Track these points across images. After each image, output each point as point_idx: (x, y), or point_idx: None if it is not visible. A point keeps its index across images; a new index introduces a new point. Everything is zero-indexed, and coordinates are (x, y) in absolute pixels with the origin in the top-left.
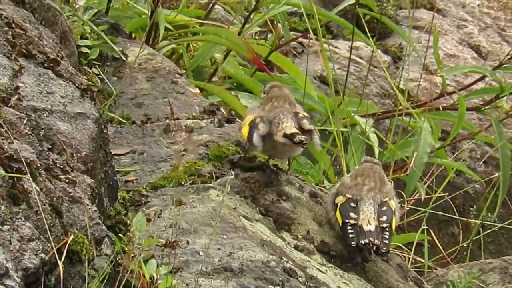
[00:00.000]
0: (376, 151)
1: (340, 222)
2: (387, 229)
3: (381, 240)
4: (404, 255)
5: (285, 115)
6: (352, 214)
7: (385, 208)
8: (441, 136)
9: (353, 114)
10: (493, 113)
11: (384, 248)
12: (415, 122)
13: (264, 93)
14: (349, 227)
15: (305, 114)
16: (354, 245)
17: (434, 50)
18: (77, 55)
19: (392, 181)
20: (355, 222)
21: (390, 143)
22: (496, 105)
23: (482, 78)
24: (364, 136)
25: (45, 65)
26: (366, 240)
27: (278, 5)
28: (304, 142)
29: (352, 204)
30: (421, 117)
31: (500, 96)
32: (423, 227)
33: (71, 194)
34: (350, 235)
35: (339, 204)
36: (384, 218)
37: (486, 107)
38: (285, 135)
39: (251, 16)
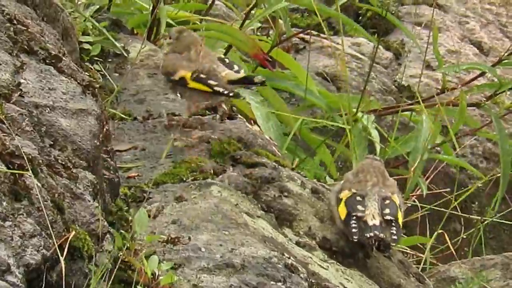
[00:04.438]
0: (378, 147)
1: (344, 215)
2: (393, 223)
3: (389, 234)
4: (406, 251)
5: (217, 63)
6: (359, 207)
7: (387, 201)
8: (442, 132)
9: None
10: (493, 109)
11: (393, 244)
12: (416, 117)
13: (170, 38)
14: (352, 222)
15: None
16: (356, 240)
17: (433, 47)
18: (79, 52)
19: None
20: (362, 215)
21: (392, 140)
22: (495, 100)
23: (482, 74)
24: (366, 132)
25: (47, 61)
26: (371, 234)
27: (278, 1)
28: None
29: (358, 198)
30: (422, 114)
31: (499, 91)
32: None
33: (72, 190)
34: (353, 229)
35: (344, 198)
36: (387, 211)
37: (486, 103)
38: (231, 82)
39: (252, 11)
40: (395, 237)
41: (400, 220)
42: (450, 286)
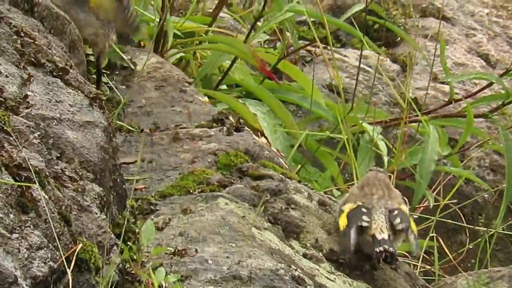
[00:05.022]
0: (385, 159)
1: (343, 226)
2: (408, 231)
3: (408, 244)
4: (413, 263)
5: None
6: (364, 217)
7: (396, 212)
8: (449, 144)
9: (361, 121)
10: (500, 120)
11: (417, 251)
12: (423, 128)
13: None
14: (352, 232)
15: None
16: (352, 251)
17: (441, 58)
18: (86, 64)
19: (399, 189)
20: (367, 225)
21: (398, 151)
22: (503, 111)
23: (489, 85)
24: (372, 143)
25: (54, 73)
26: (381, 248)
27: (283, 12)
28: None
29: (363, 209)
30: (429, 124)
31: (507, 102)
32: (431, 235)
33: (79, 203)
34: (352, 240)
35: (346, 210)
36: (398, 220)
37: (493, 114)
38: None
39: (258, 23)
40: (413, 247)
41: (414, 228)
42: None
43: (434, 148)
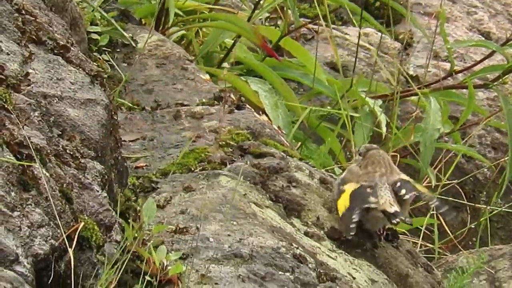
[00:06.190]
0: (384, 129)
1: (343, 209)
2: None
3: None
4: (414, 241)
5: None
6: (372, 199)
7: (399, 183)
8: (451, 121)
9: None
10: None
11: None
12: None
13: None
14: (356, 214)
15: None
16: (350, 238)
17: (440, 29)
18: (87, 42)
19: (400, 167)
20: (376, 206)
21: (394, 126)
22: (503, 81)
23: (490, 55)
24: (372, 116)
25: (55, 51)
26: (398, 220)
27: None
28: None
29: (368, 190)
30: (429, 96)
31: (507, 71)
32: (431, 212)
33: (81, 180)
34: (352, 225)
35: (348, 191)
36: (403, 191)
37: (494, 84)
38: None
39: (261, 1)
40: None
41: (423, 189)
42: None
43: (436, 118)
